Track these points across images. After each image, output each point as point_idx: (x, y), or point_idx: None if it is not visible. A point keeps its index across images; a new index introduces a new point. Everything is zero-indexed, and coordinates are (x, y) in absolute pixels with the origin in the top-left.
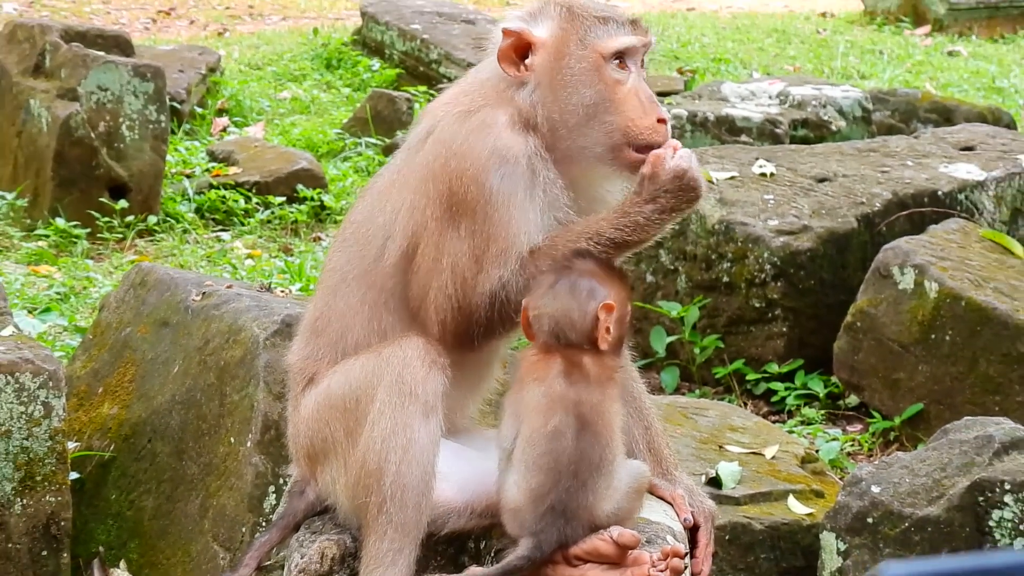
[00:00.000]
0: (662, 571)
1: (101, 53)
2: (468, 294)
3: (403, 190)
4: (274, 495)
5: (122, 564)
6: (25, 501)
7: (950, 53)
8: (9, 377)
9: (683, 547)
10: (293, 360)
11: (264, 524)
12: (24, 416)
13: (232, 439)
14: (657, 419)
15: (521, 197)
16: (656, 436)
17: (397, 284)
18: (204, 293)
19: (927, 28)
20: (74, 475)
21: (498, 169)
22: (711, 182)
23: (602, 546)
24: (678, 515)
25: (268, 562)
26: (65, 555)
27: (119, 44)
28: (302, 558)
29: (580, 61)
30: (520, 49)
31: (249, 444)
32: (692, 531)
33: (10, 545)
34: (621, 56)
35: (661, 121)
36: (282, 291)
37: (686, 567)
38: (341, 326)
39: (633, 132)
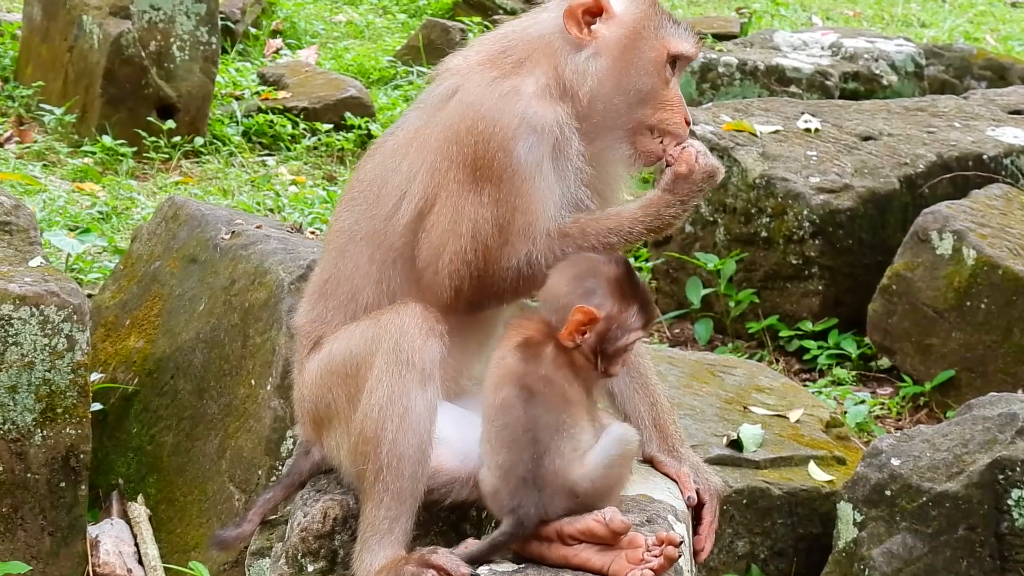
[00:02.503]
0: (656, 556)
1: None
2: (491, 264)
3: (422, 150)
4: (291, 440)
5: (140, 498)
6: (45, 432)
7: (1013, 4)
8: (34, 309)
9: (681, 532)
10: (300, 322)
11: (280, 468)
12: (48, 348)
13: (253, 381)
14: (664, 395)
15: (547, 169)
16: (662, 412)
17: (407, 244)
18: (233, 232)
19: None
20: (97, 406)
21: (527, 138)
22: (754, 135)
23: (596, 527)
24: (682, 493)
25: (273, 516)
26: (83, 487)
27: None
28: (305, 516)
29: (651, 50)
30: (591, 12)
31: (269, 387)
32: (697, 508)
33: (29, 475)
34: (677, 60)
35: (687, 122)
36: (312, 232)
37: (680, 555)
38: (351, 288)
39: (663, 121)
